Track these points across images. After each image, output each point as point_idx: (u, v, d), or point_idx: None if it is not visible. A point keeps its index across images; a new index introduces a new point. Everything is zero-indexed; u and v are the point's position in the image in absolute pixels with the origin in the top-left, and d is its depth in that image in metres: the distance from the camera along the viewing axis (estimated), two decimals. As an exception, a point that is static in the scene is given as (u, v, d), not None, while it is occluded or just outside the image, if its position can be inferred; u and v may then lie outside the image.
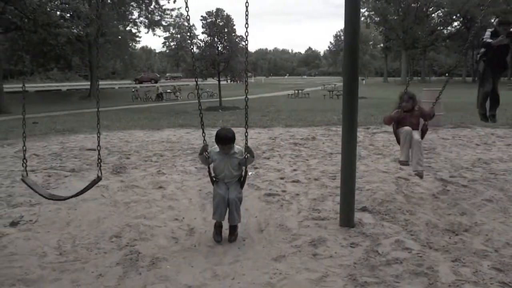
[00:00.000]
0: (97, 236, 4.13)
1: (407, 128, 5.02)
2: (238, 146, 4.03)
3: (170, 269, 3.39)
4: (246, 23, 3.87)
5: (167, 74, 75.78)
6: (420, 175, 5.02)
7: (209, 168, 4.08)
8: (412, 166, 4.99)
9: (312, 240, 3.89)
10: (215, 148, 4.00)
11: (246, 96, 4.10)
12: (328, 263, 3.43)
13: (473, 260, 3.43)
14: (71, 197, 3.81)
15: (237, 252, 3.72)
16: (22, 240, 4.04)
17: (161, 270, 3.38)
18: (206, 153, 3.98)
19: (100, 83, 5.39)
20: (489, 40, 5.70)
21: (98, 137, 3.73)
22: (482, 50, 5.97)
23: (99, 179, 3.68)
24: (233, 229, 4.02)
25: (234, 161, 3.95)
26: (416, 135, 5.03)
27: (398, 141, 5.19)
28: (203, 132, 4.00)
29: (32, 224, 4.47)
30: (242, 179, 4.03)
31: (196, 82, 4.19)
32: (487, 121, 6.29)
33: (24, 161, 3.79)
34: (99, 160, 3.68)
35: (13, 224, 4.47)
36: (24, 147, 3.91)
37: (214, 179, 4.04)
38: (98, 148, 3.73)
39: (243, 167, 4.01)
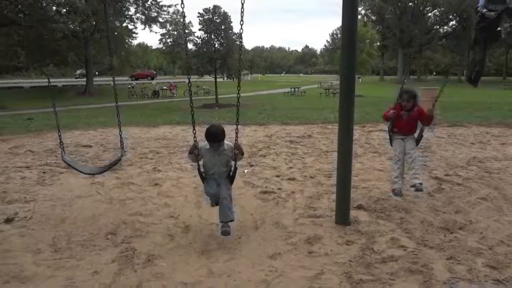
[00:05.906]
0: (92, 233, 4.12)
1: (399, 149, 4.88)
2: (228, 143, 3.98)
3: (165, 267, 3.39)
4: (241, 19, 3.85)
5: (77, 72, 58.27)
6: (419, 189, 4.68)
7: (198, 165, 4.03)
8: (410, 181, 4.78)
9: (308, 238, 3.90)
10: (205, 144, 3.93)
11: (238, 93, 4.05)
12: (323, 261, 3.44)
13: (467, 258, 3.45)
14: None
15: (233, 250, 3.72)
16: (17, 236, 4.03)
17: (157, 267, 3.38)
18: (196, 151, 3.91)
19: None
20: (484, 11, 5.77)
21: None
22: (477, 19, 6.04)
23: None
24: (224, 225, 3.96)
25: (224, 157, 3.92)
26: (412, 150, 4.84)
27: (391, 143, 5.10)
28: (194, 129, 3.97)
29: (27, 221, 4.45)
30: (231, 174, 3.97)
31: (189, 79, 4.16)
32: (472, 83, 6.64)
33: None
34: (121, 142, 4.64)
35: (8, 220, 4.45)
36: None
37: (203, 175, 4.00)
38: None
39: (232, 163, 3.97)
